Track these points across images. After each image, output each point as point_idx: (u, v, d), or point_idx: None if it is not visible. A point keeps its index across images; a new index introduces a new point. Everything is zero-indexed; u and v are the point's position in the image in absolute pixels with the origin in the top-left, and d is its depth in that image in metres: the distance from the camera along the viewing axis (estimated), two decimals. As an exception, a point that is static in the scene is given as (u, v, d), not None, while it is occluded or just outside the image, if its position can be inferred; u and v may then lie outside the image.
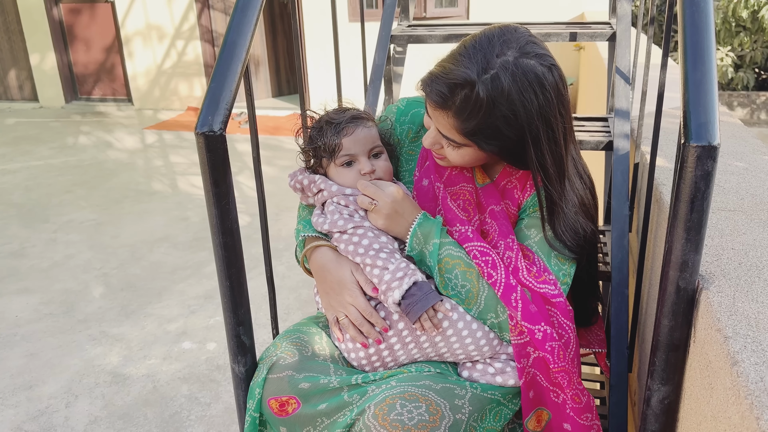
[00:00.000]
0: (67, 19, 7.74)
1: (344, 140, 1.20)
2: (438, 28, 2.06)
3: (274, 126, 6.65)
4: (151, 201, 4.58)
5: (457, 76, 1.00)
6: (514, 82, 0.99)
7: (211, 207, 0.99)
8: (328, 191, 1.21)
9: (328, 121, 1.23)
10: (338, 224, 1.16)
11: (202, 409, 2.30)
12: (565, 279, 1.15)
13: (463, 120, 1.02)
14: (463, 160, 1.12)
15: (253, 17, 1.04)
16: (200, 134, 0.94)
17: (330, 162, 1.22)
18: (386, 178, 1.23)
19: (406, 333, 1.14)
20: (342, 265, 1.17)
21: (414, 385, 1.05)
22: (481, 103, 0.99)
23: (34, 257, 3.67)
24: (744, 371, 0.71)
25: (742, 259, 0.97)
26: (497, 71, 0.99)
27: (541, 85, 1.00)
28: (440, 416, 1.02)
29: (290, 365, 1.16)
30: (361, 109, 1.28)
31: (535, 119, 1.01)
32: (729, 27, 6.61)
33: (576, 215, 1.11)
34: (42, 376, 2.53)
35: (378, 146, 1.23)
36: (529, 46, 1.02)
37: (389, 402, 1.01)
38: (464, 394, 1.08)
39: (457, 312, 1.13)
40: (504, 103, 0.99)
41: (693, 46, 0.86)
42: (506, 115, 1.00)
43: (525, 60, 1.00)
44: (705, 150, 0.78)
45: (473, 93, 0.99)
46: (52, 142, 6.30)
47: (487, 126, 1.02)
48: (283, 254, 3.57)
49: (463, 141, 1.06)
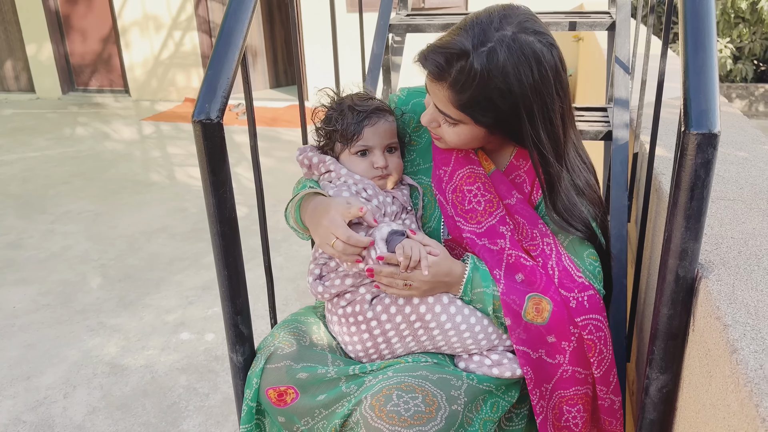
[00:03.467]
0: (64, 9, 7.69)
1: (366, 130, 1.19)
2: (436, 17, 2.05)
3: (272, 117, 6.63)
4: (149, 192, 4.57)
5: (453, 47, 1.01)
6: (510, 55, 0.99)
7: (208, 196, 0.99)
8: (336, 173, 1.21)
9: (352, 106, 1.21)
10: (344, 194, 1.16)
11: (201, 400, 2.30)
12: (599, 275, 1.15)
13: (458, 91, 1.03)
14: (459, 139, 1.11)
15: (250, 4, 1.04)
16: (197, 122, 0.94)
17: (345, 148, 1.21)
18: (397, 175, 1.23)
19: (404, 327, 1.14)
20: (331, 202, 1.11)
21: (411, 375, 1.05)
22: (476, 74, 1.00)
23: (32, 248, 3.66)
24: (743, 359, 0.71)
25: (741, 248, 0.97)
26: (494, 44, 1.00)
27: (537, 61, 1.01)
28: (436, 407, 1.02)
29: (288, 355, 1.16)
30: (384, 102, 1.27)
31: (530, 94, 1.01)
32: (728, 18, 6.59)
33: (577, 197, 1.11)
34: (40, 366, 2.53)
35: (394, 142, 1.23)
36: (529, 23, 1.03)
37: (386, 393, 1.01)
38: (460, 385, 1.08)
39: (455, 305, 1.13)
40: (498, 76, 1.00)
41: (694, 34, 0.86)
42: (501, 87, 1.00)
43: (523, 36, 1.01)
44: (705, 137, 0.78)
45: (468, 64, 1.00)
46: (49, 133, 6.27)
47: (482, 98, 1.02)
48: (282, 245, 3.57)
49: (458, 116, 1.06)
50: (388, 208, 1.19)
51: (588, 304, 1.10)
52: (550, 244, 1.14)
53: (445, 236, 1.22)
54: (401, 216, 1.21)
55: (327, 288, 1.18)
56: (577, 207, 1.11)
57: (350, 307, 1.17)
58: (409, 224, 1.21)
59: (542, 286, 1.11)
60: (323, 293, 1.18)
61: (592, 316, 1.10)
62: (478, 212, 1.16)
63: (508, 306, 1.10)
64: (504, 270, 1.13)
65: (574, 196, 1.11)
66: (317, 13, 6.75)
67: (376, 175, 1.21)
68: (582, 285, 1.11)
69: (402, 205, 1.22)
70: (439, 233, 1.22)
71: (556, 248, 1.13)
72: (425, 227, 1.24)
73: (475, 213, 1.16)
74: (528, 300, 1.10)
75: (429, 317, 1.13)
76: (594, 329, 1.10)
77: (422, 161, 1.28)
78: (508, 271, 1.13)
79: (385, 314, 1.14)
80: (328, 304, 1.22)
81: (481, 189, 1.17)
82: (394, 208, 1.20)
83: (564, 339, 1.11)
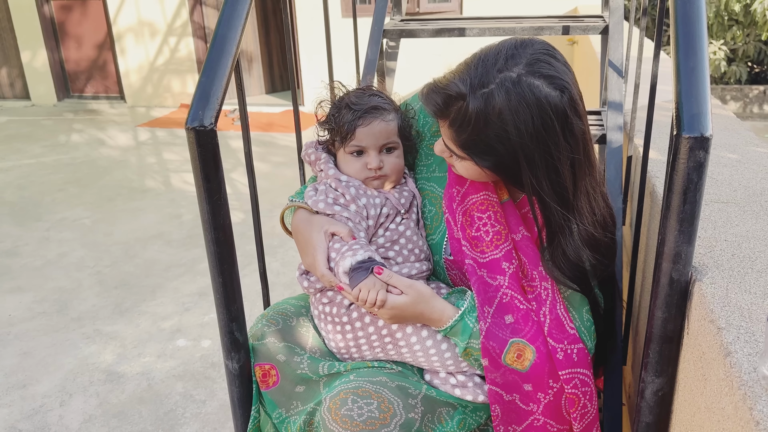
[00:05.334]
0: (59, 15, 7.68)
1: (358, 130, 1.17)
2: (430, 22, 2.06)
3: (268, 122, 6.63)
4: (144, 198, 4.56)
5: (451, 89, 0.97)
6: (509, 100, 0.94)
7: (202, 203, 0.99)
8: (325, 173, 1.21)
9: (348, 104, 1.19)
10: (319, 206, 1.17)
11: (197, 407, 2.29)
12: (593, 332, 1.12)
13: (457, 131, 1.00)
14: (468, 173, 1.09)
15: (244, 11, 1.04)
16: (191, 129, 0.94)
17: (341, 146, 1.20)
18: (394, 176, 1.21)
19: (375, 338, 1.16)
20: (312, 225, 1.16)
21: (369, 381, 1.06)
22: (471, 118, 0.96)
23: (27, 256, 3.65)
24: (737, 362, 0.71)
25: (735, 251, 0.97)
26: (494, 87, 0.94)
27: (540, 107, 0.94)
28: (391, 414, 1.02)
29: (273, 332, 1.21)
30: (386, 97, 1.23)
31: (529, 143, 0.95)
32: (722, 21, 6.62)
33: (580, 248, 1.04)
34: (36, 374, 2.52)
35: (392, 142, 1.19)
36: (539, 65, 0.95)
37: (342, 396, 1.03)
38: (417, 394, 1.08)
39: (428, 329, 1.13)
40: (496, 121, 0.95)
41: (685, 38, 0.86)
42: (498, 133, 0.96)
43: (529, 79, 0.94)
44: (697, 141, 0.78)
45: (464, 106, 0.96)
46: (44, 140, 6.26)
47: (480, 141, 0.98)
48: (278, 251, 3.56)
49: (460, 153, 1.03)
50: (372, 211, 1.17)
51: (576, 358, 1.07)
52: (548, 289, 1.09)
53: (446, 255, 1.20)
54: (395, 219, 1.19)
55: (312, 283, 1.19)
56: (577, 262, 1.05)
57: (329, 307, 1.18)
58: (402, 230, 1.19)
59: (530, 334, 1.07)
60: (308, 288, 1.20)
61: (579, 370, 1.07)
62: (484, 242, 1.12)
63: (487, 350, 1.07)
64: (495, 308, 1.09)
65: (578, 251, 1.04)
66: (312, 18, 6.76)
67: (370, 176, 1.19)
68: (573, 337, 1.08)
69: (396, 208, 1.20)
70: (441, 248, 1.20)
71: (553, 295, 1.09)
72: (428, 239, 1.22)
73: (480, 242, 1.13)
74: (511, 344, 1.07)
75: (399, 335, 1.14)
76: (580, 383, 1.07)
77: (438, 169, 1.24)
78: (498, 311, 1.09)
79: (359, 322, 1.15)
80: (312, 298, 1.23)
81: (491, 218, 1.12)
82: (384, 210, 1.18)
83: (541, 390, 1.08)
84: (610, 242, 1.11)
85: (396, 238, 1.18)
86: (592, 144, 1.05)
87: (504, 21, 2.02)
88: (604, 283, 1.14)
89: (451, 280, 1.21)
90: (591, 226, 1.04)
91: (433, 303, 1.10)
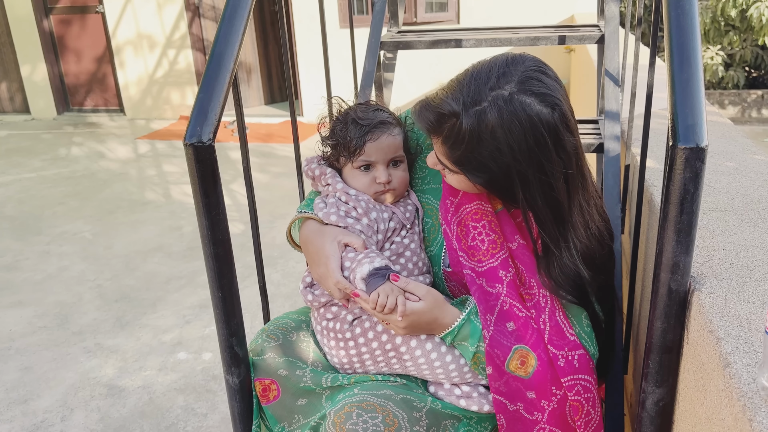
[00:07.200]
0: (58, 29, 7.72)
1: (367, 145, 1.17)
2: (427, 33, 2.07)
3: (267, 133, 6.64)
4: (145, 211, 4.56)
5: (443, 107, 0.98)
6: (501, 118, 0.94)
7: (201, 218, 0.99)
8: (333, 187, 1.21)
9: (355, 120, 1.19)
10: (331, 218, 1.16)
11: (199, 420, 2.29)
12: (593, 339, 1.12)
13: (450, 148, 1.00)
14: (461, 186, 1.09)
15: (240, 27, 1.04)
16: (189, 145, 0.94)
17: (347, 162, 1.20)
18: (401, 189, 1.22)
19: (378, 353, 1.15)
20: (324, 235, 1.15)
21: (374, 394, 1.06)
22: (464, 136, 0.96)
23: (28, 270, 3.64)
24: (736, 373, 0.71)
25: (733, 260, 0.97)
26: (487, 105, 0.95)
27: (533, 125, 0.94)
28: (396, 427, 1.02)
29: (273, 348, 1.20)
30: (389, 112, 1.24)
31: (522, 160, 0.96)
32: (718, 26, 6.64)
33: (574, 261, 1.05)
34: (37, 389, 2.51)
35: (399, 156, 1.20)
36: (531, 82, 0.95)
37: (347, 410, 1.03)
38: (422, 407, 1.08)
39: (432, 341, 1.13)
40: (488, 139, 0.95)
41: (679, 49, 0.87)
42: (491, 150, 0.96)
43: (521, 97, 0.94)
44: (693, 152, 0.79)
45: (457, 124, 0.96)
46: (44, 153, 6.27)
47: (473, 158, 0.99)
48: (278, 262, 3.56)
49: (453, 168, 1.04)
50: (382, 225, 1.18)
51: (578, 364, 1.07)
52: (546, 297, 1.09)
53: (445, 266, 1.20)
54: (400, 233, 1.20)
55: (316, 297, 1.19)
56: (572, 274, 1.05)
57: (332, 323, 1.18)
58: (407, 243, 1.19)
59: (532, 341, 1.08)
60: (312, 301, 1.20)
61: (581, 376, 1.07)
62: (481, 251, 1.13)
63: (491, 357, 1.08)
64: (496, 315, 1.09)
65: (573, 263, 1.04)
66: (310, 29, 6.79)
67: (378, 191, 1.20)
68: (573, 343, 1.08)
69: (401, 222, 1.21)
70: (440, 260, 1.21)
71: (551, 302, 1.09)
72: (427, 250, 1.23)
73: (477, 251, 1.13)
74: (514, 351, 1.07)
75: (404, 349, 1.14)
76: (582, 390, 1.07)
77: (433, 181, 1.25)
78: (500, 318, 1.09)
79: (362, 338, 1.15)
80: (315, 312, 1.23)
81: (486, 227, 1.13)
82: (392, 224, 1.19)
83: (544, 398, 1.08)
84: (607, 255, 1.11)
85: (401, 251, 1.18)
86: (584, 158, 1.05)
87: (500, 32, 2.03)
88: (603, 294, 1.13)
89: (450, 291, 1.21)
90: (585, 240, 1.05)
91: (446, 307, 1.11)
